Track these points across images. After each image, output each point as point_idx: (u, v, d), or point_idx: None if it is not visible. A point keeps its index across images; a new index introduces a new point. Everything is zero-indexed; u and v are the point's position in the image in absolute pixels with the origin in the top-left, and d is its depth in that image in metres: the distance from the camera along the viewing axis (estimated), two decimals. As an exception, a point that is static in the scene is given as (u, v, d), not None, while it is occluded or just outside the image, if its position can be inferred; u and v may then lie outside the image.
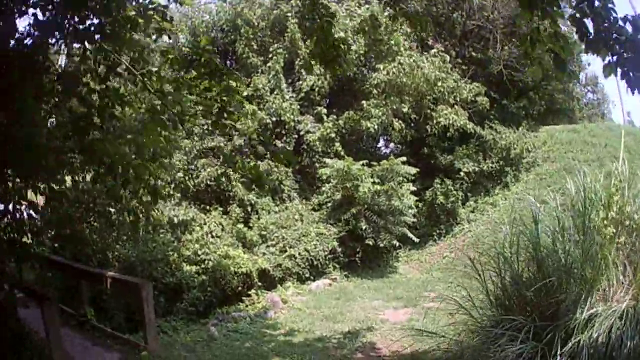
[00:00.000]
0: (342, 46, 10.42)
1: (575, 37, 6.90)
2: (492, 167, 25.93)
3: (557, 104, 32.04)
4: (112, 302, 15.14)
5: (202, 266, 18.17)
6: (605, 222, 9.02)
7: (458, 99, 25.42)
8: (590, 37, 6.53)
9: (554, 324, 8.17)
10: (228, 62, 26.88)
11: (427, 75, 24.05)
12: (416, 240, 22.84)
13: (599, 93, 42.11)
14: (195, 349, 13.19)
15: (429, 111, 25.41)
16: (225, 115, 9.65)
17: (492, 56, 28.59)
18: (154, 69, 10.05)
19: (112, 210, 16.25)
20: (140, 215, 17.44)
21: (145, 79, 9.71)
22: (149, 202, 19.32)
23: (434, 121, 25.14)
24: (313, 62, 10.93)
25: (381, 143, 30.31)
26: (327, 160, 22.27)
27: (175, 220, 19.60)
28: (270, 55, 24.30)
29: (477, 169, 25.57)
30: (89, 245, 16.12)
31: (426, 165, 24.64)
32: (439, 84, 24.55)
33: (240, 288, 18.11)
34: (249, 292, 18.02)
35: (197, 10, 26.42)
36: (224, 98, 9.66)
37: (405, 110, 24.37)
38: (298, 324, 15.45)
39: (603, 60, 6.52)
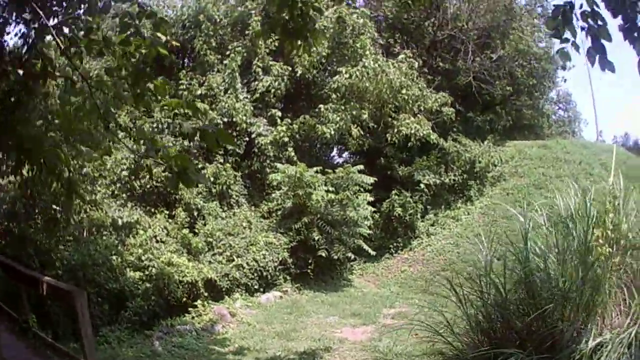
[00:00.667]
0: (312, 13, 8.78)
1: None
2: (454, 180, 25.53)
3: (524, 120, 31.81)
4: (56, 308, 14.06)
5: (146, 273, 17.17)
6: (600, 240, 8.17)
7: (422, 108, 24.85)
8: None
9: (556, 357, 7.39)
10: (185, 59, 26.19)
11: (392, 81, 23.36)
12: (372, 253, 22.11)
13: (571, 111, 41.98)
14: None
15: (389, 119, 24.74)
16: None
17: (462, 67, 28.24)
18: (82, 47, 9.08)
19: (57, 208, 15.62)
20: (83, 215, 16.83)
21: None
22: (94, 200, 18.13)
23: (395, 130, 24.40)
24: (273, 35, 9.27)
25: (334, 152, 29.86)
26: (279, 165, 21.52)
27: (120, 222, 18.53)
28: (228, 53, 23.35)
29: (438, 181, 25.02)
30: (32, 245, 15.27)
31: (383, 177, 23.96)
32: (404, 91, 23.75)
33: (185, 298, 17.24)
34: (195, 303, 17.06)
35: (161, 5, 25.62)
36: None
37: (364, 117, 23.53)
38: (248, 340, 14.51)
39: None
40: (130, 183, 20.26)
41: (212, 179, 21.02)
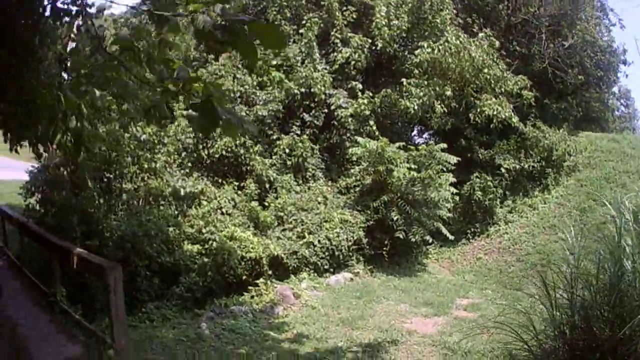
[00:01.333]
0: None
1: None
2: (533, 167, 21.20)
3: (592, 112, 27.22)
4: (95, 281, 11.71)
5: (205, 246, 14.52)
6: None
7: (503, 90, 20.65)
8: None
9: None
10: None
11: (475, 59, 19.09)
12: (450, 237, 18.03)
13: (631, 107, 37.31)
14: (175, 352, 9.70)
15: (472, 99, 20.16)
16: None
17: (536, 52, 23.88)
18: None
19: (110, 176, 14.33)
20: (140, 184, 15.02)
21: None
22: (153, 169, 14.38)
23: (477, 110, 19.97)
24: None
25: (414, 132, 25.09)
26: (359, 139, 17.40)
27: (182, 191, 15.13)
28: (303, 23, 19.21)
29: (517, 166, 20.79)
30: (76, 213, 13.06)
31: (462, 159, 19.43)
32: (485, 70, 19.64)
33: (245, 276, 14.31)
34: (257, 282, 13.97)
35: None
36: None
37: (448, 93, 19.18)
38: (309, 327, 11.57)
39: None
40: (197, 152, 16.92)
41: (287, 150, 17.40)
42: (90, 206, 13.65)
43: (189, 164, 16.49)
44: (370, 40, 19.08)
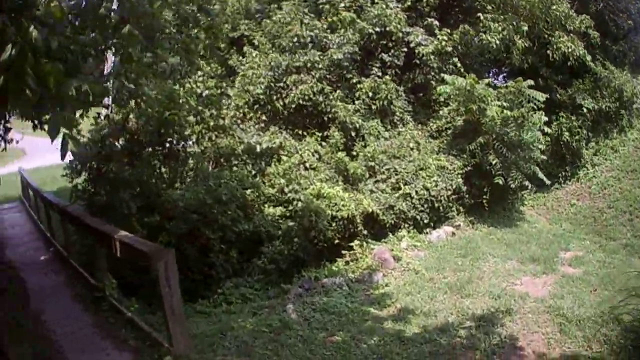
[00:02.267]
0: None
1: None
2: (609, 108, 16.25)
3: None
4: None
5: (289, 208, 10.79)
6: None
7: (571, 29, 15.57)
8: None
9: None
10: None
11: None
12: (547, 181, 13.38)
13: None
14: (252, 349, 6.08)
15: (545, 36, 15.34)
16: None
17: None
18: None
19: (171, 139, 10.63)
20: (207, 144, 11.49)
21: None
22: (221, 126, 11.64)
23: (554, 47, 15.07)
24: None
25: (491, 74, 18.92)
26: (446, 77, 12.56)
27: (258, 148, 11.22)
28: None
29: (596, 106, 15.87)
30: (130, 186, 9.84)
31: (542, 100, 15.21)
32: (554, 7, 14.92)
33: (338, 239, 10.26)
34: (351, 244, 10.07)
35: None
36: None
37: (524, 28, 14.23)
38: (414, 297, 8.23)
39: None
40: (271, 103, 12.57)
41: (370, 94, 12.48)
42: (149, 177, 10.37)
43: (264, 118, 12.22)
44: None
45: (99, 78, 6.41)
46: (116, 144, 10.56)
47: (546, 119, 12.93)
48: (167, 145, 10.71)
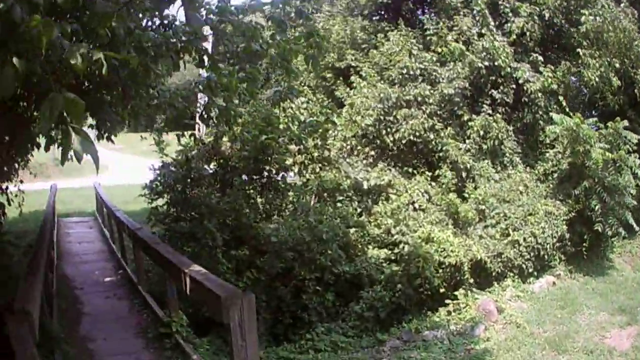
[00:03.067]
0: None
1: None
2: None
3: None
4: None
5: (395, 251, 10.03)
6: None
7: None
8: None
9: None
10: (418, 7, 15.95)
11: (627, 28, 13.41)
12: (637, 228, 11.97)
13: None
14: None
15: (632, 75, 14.03)
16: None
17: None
18: None
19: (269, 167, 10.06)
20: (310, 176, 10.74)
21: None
22: (326, 158, 11.07)
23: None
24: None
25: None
26: (554, 116, 11.50)
27: (365, 184, 10.52)
28: None
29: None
30: (218, 215, 9.19)
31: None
32: (636, 42, 13.74)
33: (443, 288, 9.31)
34: (455, 293, 9.32)
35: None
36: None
37: (617, 66, 13.33)
38: (514, 354, 7.77)
39: None
40: (380, 137, 11.60)
41: (481, 132, 11.74)
42: (242, 207, 9.46)
43: (372, 153, 11.48)
44: (537, 9, 13.21)
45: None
46: (206, 167, 9.88)
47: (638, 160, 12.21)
48: (266, 174, 10.10)
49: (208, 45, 5.74)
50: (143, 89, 5.47)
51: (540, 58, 12.66)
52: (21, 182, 9.69)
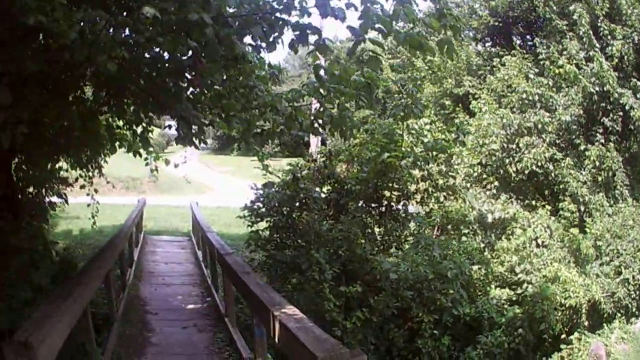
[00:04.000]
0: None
1: None
2: None
3: None
4: None
5: (518, 292, 9.04)
6: None
7: None
8: None
9: None
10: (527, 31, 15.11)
11: None
12: None
13: None
14: None
15: None
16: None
17: None
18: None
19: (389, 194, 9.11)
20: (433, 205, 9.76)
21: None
22: (451, 186, 10.10)
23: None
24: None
25: None
26: None
27: (490, 217, 9.66)
28: (572, 15, 12.27)
29: None
30: (327, 245, 8.15)
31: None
32: None
33: (563, 332, 8.53)
34: (571, 337, 8.40)
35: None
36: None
37: None
38: None
39: None
40: (503, 167, 10.76)
41: (597, 163, 11.00)
42: (356, 237, 8.32)
43: (496, 183, 10.63)
44: (629, 30, 12.27)
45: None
46: (317, 189, 8.69)
47: None
48: (385, 202, 9.11)
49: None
50: (232, 83, 4.80)
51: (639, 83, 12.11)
52: (96, 191, 8.46)
